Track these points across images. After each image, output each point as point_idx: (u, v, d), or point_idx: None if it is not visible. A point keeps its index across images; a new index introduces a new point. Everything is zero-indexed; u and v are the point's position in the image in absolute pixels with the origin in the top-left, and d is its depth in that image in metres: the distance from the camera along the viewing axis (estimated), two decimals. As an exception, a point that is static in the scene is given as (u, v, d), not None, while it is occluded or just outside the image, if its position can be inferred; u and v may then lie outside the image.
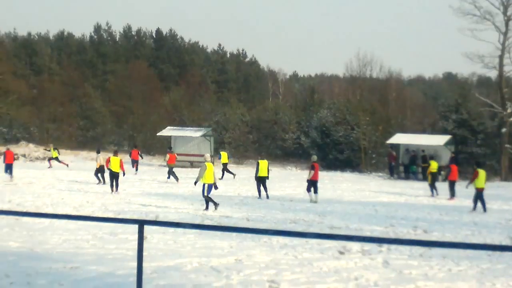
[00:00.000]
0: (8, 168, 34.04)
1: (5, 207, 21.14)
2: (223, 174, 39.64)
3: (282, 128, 65.64)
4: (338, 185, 37.43)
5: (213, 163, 26.55)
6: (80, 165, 44.26)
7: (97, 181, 32.85)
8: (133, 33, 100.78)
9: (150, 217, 19.39)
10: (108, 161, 30.26)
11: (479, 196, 24.96)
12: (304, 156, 59.15)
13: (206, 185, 22.96)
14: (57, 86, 78.95)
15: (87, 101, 77.87)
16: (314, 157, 29.02)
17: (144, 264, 7.21)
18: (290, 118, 67.20)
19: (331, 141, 56.55)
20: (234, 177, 39.49)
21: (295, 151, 63.95)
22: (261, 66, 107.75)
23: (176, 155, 39.32)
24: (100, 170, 32.97)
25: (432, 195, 31.29)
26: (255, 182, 28.52)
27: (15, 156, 38.64)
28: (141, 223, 6.80)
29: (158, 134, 59.83)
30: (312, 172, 27.18)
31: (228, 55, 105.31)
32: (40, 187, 29.29)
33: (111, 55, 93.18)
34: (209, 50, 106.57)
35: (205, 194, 22.87)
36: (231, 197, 27.24)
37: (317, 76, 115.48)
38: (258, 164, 28.72)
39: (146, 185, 33.41)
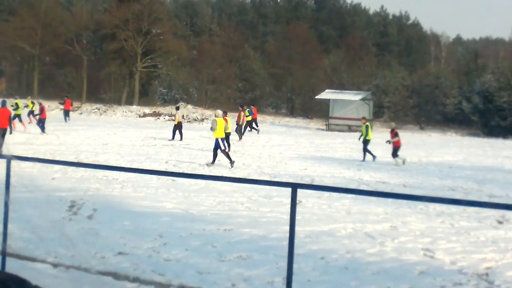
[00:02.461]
0: (66, 115, 35.02)
1: (162, 167, 21.63)
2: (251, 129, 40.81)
3: (443, 93, 63.78)
4: (499, 152, 36.02)
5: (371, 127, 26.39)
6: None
7: (171, 138, 33.97)
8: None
9: (306, 181, 19.26)
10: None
11: None
12: (465, 122, 57.40)
13: (219, 140, 23.20)
14: (216, 47, 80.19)
15: (246, 62, 78.62)
16: (393, 124, 28.65)
17: (298, 228, 7.03)
18: (452, 82, 65.27)
19: (494, 107, 54.44)
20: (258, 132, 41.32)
21: (455, 116, 62.17)
22: (423, 29, 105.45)
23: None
24: (177, 127, 34.16)
25: None
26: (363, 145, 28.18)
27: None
28: (294, 187, 6.60)
29: (316, 97, 59.57)
30: (397, 138, 26.73)
31: (390, 17, 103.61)
32: (197, 149, 29.81)
33: (272, 16, 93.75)
34: (371, 12, 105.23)
35: (222, 148, 23.17)
36: (388, 162, 26.69)
37: (481, 39, 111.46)
38: (366, 127, 28.35)
39: (303, 148, 33.35)
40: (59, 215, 12.12)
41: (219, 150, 23.20)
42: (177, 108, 36.91)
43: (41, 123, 34.62)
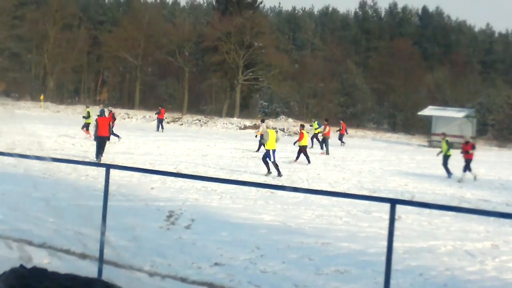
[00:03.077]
0: (159, 123, 35.27)
1: (261, 180, 21.69)
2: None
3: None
4: None
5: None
6: (337, 141, 44.60)
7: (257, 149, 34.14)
8: (398, 10, 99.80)
9: (406, 197, 19.01)
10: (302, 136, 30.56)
11: None
12: None
13: (270, 151, 23.42)
14: (319, 62, 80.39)
15: (348, 77, 78.49)
16: (468, 136, 28.06)
17: (396, 244, 6.96)
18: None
19: None
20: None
21: None
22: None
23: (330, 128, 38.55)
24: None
25: None
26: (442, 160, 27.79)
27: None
28: (393, 202, 6.55)
29: (419, 113, 58.90)
30: (472, 151, 26.17)
31: (496, 35, 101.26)
32: (296, 162, 29.82)
33: (375, 32, 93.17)
34: (476, 29, 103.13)
35: (272, 159, 23.37)
36: (491, 180, 26.07)
37: None
38: (444, 144, 27.99)
39: (404, 164, 32.94)
40: (157, 225, 12.31)
41: (269, 160, 23.31)
42: (262, 121, 37.53)
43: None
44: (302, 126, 31.44)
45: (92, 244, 8.72)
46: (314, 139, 40.01)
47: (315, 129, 40.73)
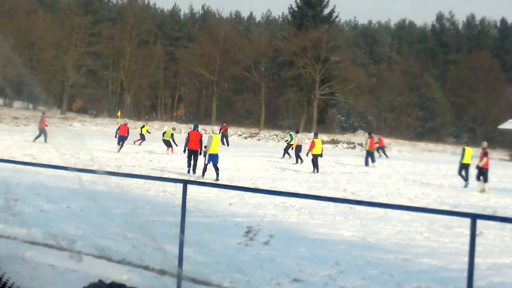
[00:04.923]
0: (121, 140, 35.37)
1: (340, 195, 21.63)
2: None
3: None
4: None
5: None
6: (417, 156, 44.10)
7: (294, 161, 34.57)
8: (476, 22, 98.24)
9: (487, 212, 18.66)
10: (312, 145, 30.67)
11: None
12: None
13: (208, 155, 24.04)
14: (396, 75, 79.79)
15: (426, 91, 77.70)
16: (485, 144, 27.24)
17: (478, 260, 6.88)
18: None
19: None
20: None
21: None
22: None
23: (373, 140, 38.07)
24: (297, 149, 34.82)
25: None
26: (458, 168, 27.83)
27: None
28: (474, 217, 6.45)
29: (499, 127, 57.79)
30: (485, 159, 25.78)
31: None
32: (375, 177, 29.60)
33: (453, 45, 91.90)
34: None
35: (205, 162, 24.07)
36: None
37: None
38: (464, 150, 27.85)
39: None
40: (235, 241, 12.32)
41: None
42: (297, 132, 37.85)
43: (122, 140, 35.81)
44: (316, 135, 32.14)
45: (171, 260, 8.82)
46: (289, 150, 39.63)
47: (286, 141, 41.30)
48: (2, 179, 14.52)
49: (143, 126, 46.19)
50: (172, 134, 37.85)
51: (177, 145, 36.86)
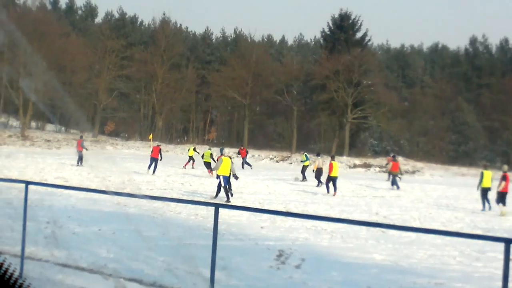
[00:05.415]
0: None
1: (372, 219, 21.53)
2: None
3: None
4: None
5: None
6: (450, 180, 43.81)
7: (317, 184, 34.87)
8: (510, 46, 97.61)
9: (522, 237, 18.46)
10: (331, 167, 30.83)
11: None
12: None
13: (221, 177, 24.04)
14: (428, 99, 79.46)
15: (459, 115, 77.30)
16: (505, 167, 27.41)
17: (512, 286, 6.81)
18: None
19: None
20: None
21: None
22: None
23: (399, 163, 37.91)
24: (318, 172, 35.35)
25: None
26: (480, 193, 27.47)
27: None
28: (508, 242, 6.43)
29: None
30: (504, 183, 25.69)
31: None
32: (408, 201, 29.43)
33: (486, 68, 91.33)
34: None
35: (223, 185, 24.07)
36: None
37: None
38: (482, 174, 27.72)
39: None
40: (267, 264, 12.25)
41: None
42: (318, 155, 38.75)
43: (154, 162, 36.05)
44: (333, 157, 32.66)
45: (202, 283, 8.84)
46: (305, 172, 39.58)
47: (301, 161, 41.05)
48: (34, 202, 14.67)
49: (191, 149, 46.30)
50: (211, 154, 38.25)
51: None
